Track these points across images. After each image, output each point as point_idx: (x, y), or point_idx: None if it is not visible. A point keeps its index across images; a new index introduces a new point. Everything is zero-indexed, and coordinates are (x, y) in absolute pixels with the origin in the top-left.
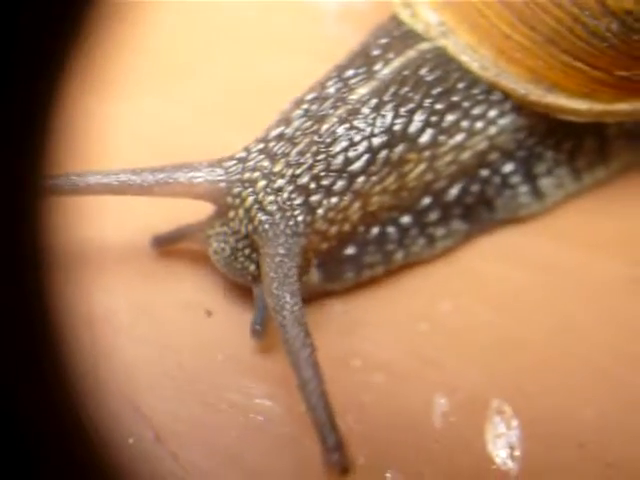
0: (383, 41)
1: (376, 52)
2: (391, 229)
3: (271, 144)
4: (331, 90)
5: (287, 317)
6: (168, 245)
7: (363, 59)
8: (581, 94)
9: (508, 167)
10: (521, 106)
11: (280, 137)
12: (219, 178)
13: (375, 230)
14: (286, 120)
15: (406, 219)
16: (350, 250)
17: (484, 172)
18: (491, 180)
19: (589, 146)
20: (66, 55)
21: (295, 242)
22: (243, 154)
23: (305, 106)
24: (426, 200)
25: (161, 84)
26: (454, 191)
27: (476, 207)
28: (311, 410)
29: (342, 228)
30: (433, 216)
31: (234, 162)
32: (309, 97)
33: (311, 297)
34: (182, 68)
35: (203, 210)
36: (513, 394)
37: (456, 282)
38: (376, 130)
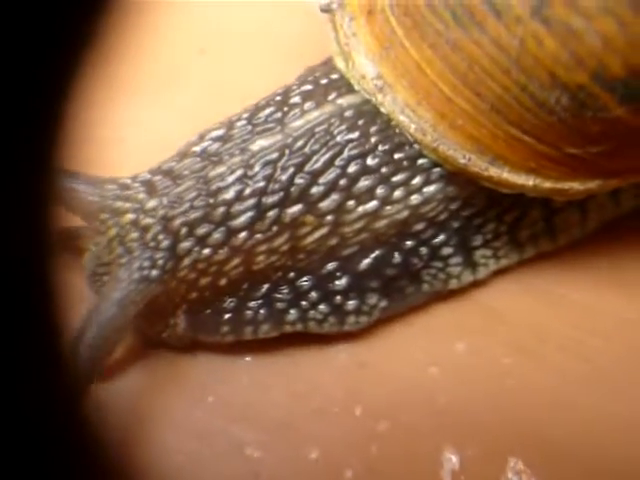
0: (306, 88)
1: (295, 99)
2: (285, 289)
3: (156, 177)
4: (236, 132)
5: (81, 356)
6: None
7: (280, 104)
8: (527, 169)
9: (439, 238)
10: (456, 174)
11: (168, 172)
12: (92, 198)
13: (264, 288)
14: (182, 155)
15: (306, 281)
16: (229, 304)
17: (408, 242)
18: (417, 251)
19: (534, 218)
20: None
21: (139, 290)
22: (127, 180)
23: (205, 144)
24: (331, 266)
25: (154, 88)
26: (368, 260)
27: (398, 280)
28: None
29: (217, 282)
30: (341, 284)
31: (114, 186)
32: (212, 134)
33: (184, 346)
34: (178, 71)
35: None
36: (533, 451)
37: (472, 320)
38: (270, 187)
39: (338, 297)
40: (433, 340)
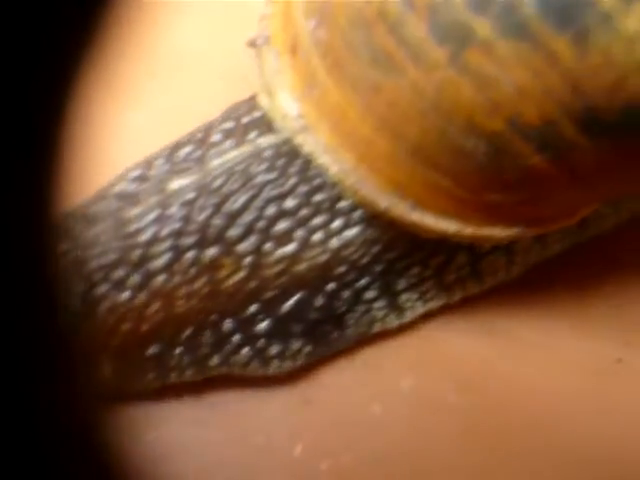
0: (228, 125)
1: (216, 137)
2: (207, 332)
3: (71, 220)
4: (155, 172)
5: None
6: None
7: (200, 142)
8: (448, 215)
9: (361, 281)
10: (377, 217)
11: (83, 215)
12: None
13: (187, 332)
14: (100, 197)
15: (228, 324)
16: (153, 350)
17: (330, 285)
18: (340, 294)
19: (460, 263)
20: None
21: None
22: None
23: (122, 185)
24: (253, 308)
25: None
26: (290, 304)
27: (321, 324)
28: None
29: (139, 327)
30: (263, 327)
31: None
32: (130, 175)
33: (114, 395)
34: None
35: None
36: None
37: (418, 355)
38: (188, 227)
39: (261, 341)
40: (378, 376)
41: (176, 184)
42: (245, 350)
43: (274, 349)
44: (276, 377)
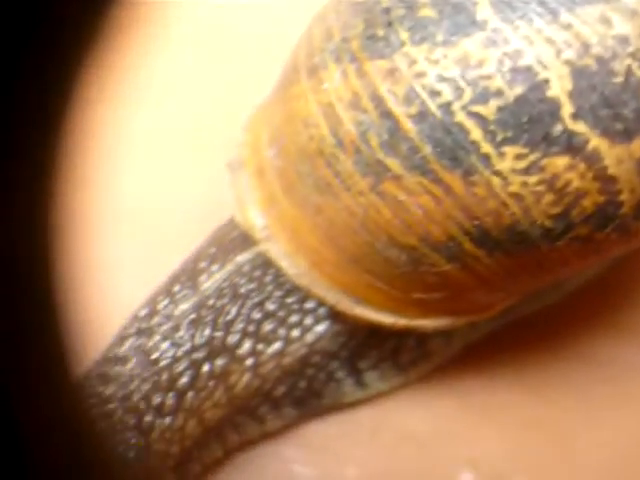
0: (211, 251)
1: (203, 264)
2: (228, 429)
3: (105, 367)
4: (160, 306)
5: None
6: None
7: (190, 272)
8: (386, 309)
9: (332, 365)
10: (336, 313)
11: (113, 358)
12: None
13: (213, 434)
14: (121, 337)
15: (240, 418)
16: (195, 453)
17: (309, 371)
18: (317, 376)
19: (410, 345)
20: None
21: (129, 471)
22: (80, 381)
23: (136, 324)
24: (257, 400)
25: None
26: (282, 389)
27: (305, 397)
28: None
29: (184, 445)
30: (264, 409)
31: None
32: (142, 313)
33: None
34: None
35: None
36: None
37: (361, 436)
38: (196, 344)
39: (262, 415)
40: (325, 462)
41: (180, 309)
42: (252, 424)
43: (270, 416)
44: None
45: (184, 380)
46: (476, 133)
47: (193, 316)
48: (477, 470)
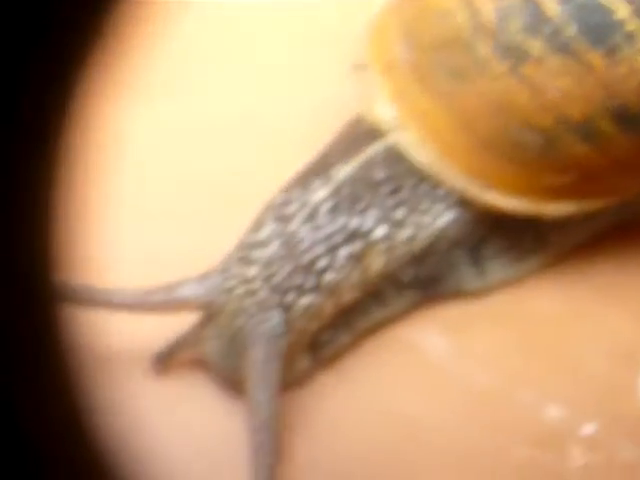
0: (341, 146)
1: (334, 158)
2: (356, 312)
3: (246, 250)
4: (294, 195)
5: (257, 423)
6: (169, 358)
7: (322, 166)
8: (514, 194)
9: (457, 253)
10: (465, 201)
11: (254, 243)
12: (205, 292)
13: (344, 318)
14: (258, 224)
15: (368, 302)
16: (328, 336)
17: (435, 258)
18: (441, 263)
19: (529, 236)
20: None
21: (274, 344)
22: (222, 264)
23: (273, 211)
24: (385, 284)
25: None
26: (409, 274)
27: (428, 283)
28: None
29: (320, 324)
30: (390, 293)
31: (216, 273)
32: (277, 202)
33: (300, 379)
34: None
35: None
36: None
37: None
38: (335, 228)
39: (387, 300)
40: (456, 341)
41: (315, 198)
42: (378, 310)
43: (393, 299)
44: None
45: (323, 262)
46: (622, 12)
47: (329, 204)
48: (610, 350)
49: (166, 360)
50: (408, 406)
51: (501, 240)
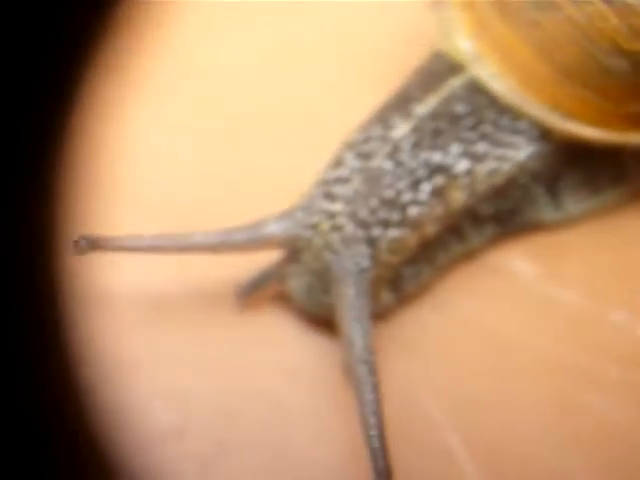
0: (420, 82)
1: (413, 94)
2: (437, 247)
3: (328, 186)
4: (374, 132)
5: (354, 357)
6: (252, 292)
7: (401, 102)
8: (595, 123)
9: (536, 186)
10: (545, 134)
11: (336, 179)
12: (290, 228)
13: (425, 252)
14: (338, 161)
15: (448, 237)
16: (410, 271)
17: (515, 192)
18: (520, 197)
19: (608, 168)
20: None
21: (362, 278)
22: (306, 201)
23: (353, 147)
24: (464, 219)
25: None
26: (489, 209)
27: (506, 218)
28: (369, 439)
29: (404, 258)
30: (468, 228)
31: (300, 209)
32: (356, 138)
33: (384, 314)
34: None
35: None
36: None
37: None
38: (418, 163)
39: (467, 236)
40: (547, 263)
41: (397, 133)
42: (458, 245)
43: (473, 235)
44: None
45: (407, 197)
46: None
47: (412, 139)
48: None
49: (250, 294)
50: (501, 326)
51: (580, 173)
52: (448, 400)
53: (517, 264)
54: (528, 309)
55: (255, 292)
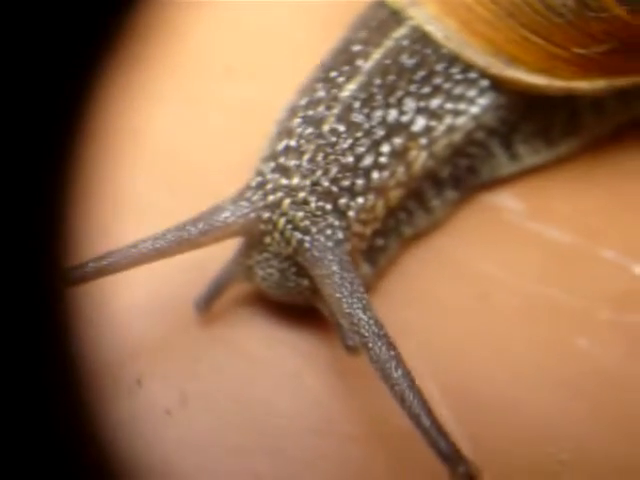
0: (362, 34)
1: (356, 48)
2: (402, 215)
3: (281, 159)
4: (321, 93)
5: (366, 334)
6: (214, 301)
7: (345, 56)
8: (540, 69)
9: (491, 141)
10: (497, 83)
11: (287, 150)
12: (246, 210)
13: (392, 221)
14: (287, 131)
15: (411, 204)
16: (380, 242)
17: (472, 149)
18: (477, 154)
19: (562, 118)
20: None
21: (342, 251)
22: (259, 178)
23: (301, 113)
24: (425, 183)
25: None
26: (447, 170)
27: (464, 177)
28: (415, 420)
29: (374, 227)
30: (429, 193)
31: (253, 189)
32: (302, 103)
33: (367, 287)
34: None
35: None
36: None
37: None
38: (373, 123)
39: (430, 203)
40: (533, 198)
41: (346, 92)
42: (422, 215)
43: (436, 203)
44: None
45: (369, 160)
46: None
47: (363, 95)
48: None
49: (212, 301)
50: (484, 266)
51: (534, 123)
52: (427, 347)
53: (504, 201)
54: (512, 247)
55: (219, 297)
